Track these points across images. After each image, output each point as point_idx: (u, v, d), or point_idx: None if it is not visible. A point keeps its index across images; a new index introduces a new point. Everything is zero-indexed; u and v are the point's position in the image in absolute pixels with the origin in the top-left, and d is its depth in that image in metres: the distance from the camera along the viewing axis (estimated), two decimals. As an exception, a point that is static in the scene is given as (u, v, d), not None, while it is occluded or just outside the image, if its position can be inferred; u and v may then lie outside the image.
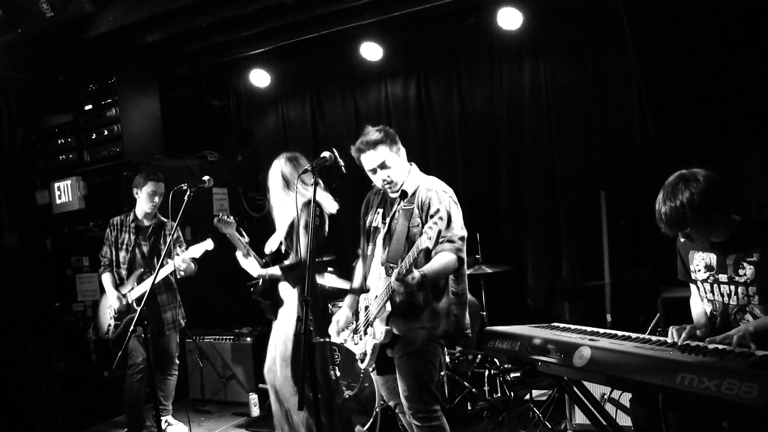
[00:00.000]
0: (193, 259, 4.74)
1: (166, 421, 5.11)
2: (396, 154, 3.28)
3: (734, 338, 2.44)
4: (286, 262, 3.88)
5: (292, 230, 3.93)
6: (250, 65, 6.69)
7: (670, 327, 2.77)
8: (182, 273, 4.77)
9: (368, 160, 3.26)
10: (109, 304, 4.87)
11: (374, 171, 3.28)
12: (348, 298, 3.60)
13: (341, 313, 3.56)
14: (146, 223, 4.93)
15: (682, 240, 2.82)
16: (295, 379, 3.87)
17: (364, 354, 3.31)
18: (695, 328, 2.80)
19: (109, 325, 4.85)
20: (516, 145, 5.85)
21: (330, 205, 3.97)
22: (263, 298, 4.02)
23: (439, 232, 2.92)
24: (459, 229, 3.21)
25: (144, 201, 4.86)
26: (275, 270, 3.90)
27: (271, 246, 4.06)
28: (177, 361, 5.13)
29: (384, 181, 3.29)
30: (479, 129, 6.03)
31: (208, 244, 4.60)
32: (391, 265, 3.15)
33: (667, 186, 2.68)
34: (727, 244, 2.75)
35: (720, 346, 2.46)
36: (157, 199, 4.86)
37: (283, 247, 3.99)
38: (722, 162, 4.47)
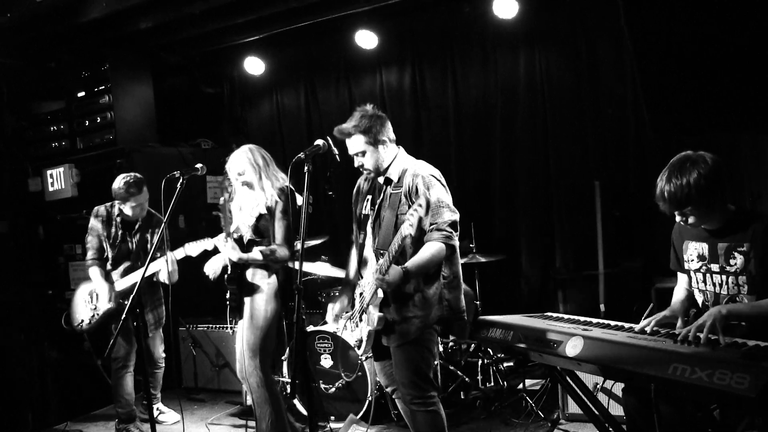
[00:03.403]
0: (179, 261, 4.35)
1: (157, 408, 5.11)
2: (370, 143, 3.23)
3: (705, 328, 2.44)
4: (260, 248, 3.79)
5: (263, 218, 3.85)
6: (244, 53, 6.65)
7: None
8: (165, 279, 4.36)
9: (348, 146, 3.29)
10: (89, 296, 4.73)
11: (355, 156, 3.32)
12: (343, 286, 3.59)
13: (337, 301, 3.54)
14: (133, 218, 4.70)
15: (678, 220, 2.79)
16: (263, 368, 3.81)
17: (360, 341, 3.31)
18: (668, 317, 2.82)
19: (92, 316, 4.68)
20: (510, 134, 5.84)
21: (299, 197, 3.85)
22: (235, 286, 3.92)
23: (420, 219, 2.88)
24: (448, 214, 3.14)
25: (128, 210, 4.63)
26: (256, 254, 3.78)
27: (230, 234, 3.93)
28: (163, 354, 5.06)
29: (360, 166, 3.31)
30: (474, 118, 6.01)
31: (207, 244, 4.16)
32: (382, 252, 3.13)
33: (673, 164, 2.66)
34: (719, 232, 2.76)
35: (700, 334, 2.45)
36: (142, 207, 4.66)
37: (246, 236, 3.89)
38: (715, 152, 4.47)
